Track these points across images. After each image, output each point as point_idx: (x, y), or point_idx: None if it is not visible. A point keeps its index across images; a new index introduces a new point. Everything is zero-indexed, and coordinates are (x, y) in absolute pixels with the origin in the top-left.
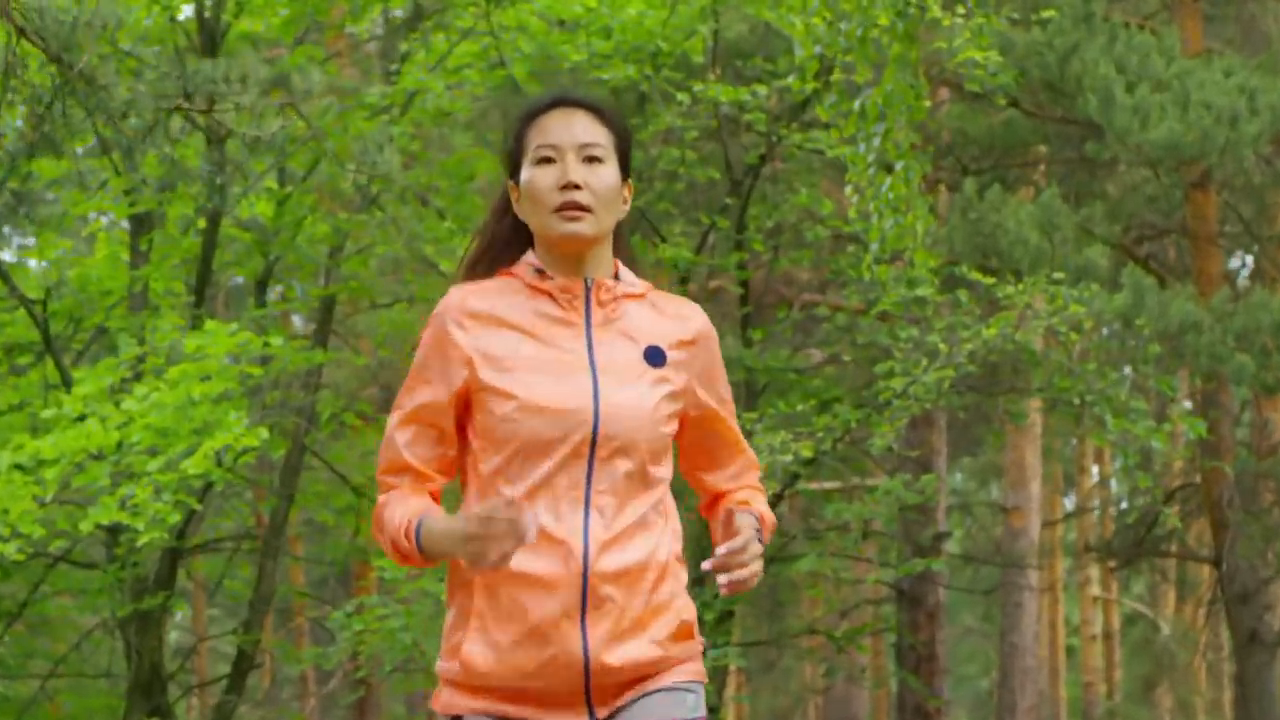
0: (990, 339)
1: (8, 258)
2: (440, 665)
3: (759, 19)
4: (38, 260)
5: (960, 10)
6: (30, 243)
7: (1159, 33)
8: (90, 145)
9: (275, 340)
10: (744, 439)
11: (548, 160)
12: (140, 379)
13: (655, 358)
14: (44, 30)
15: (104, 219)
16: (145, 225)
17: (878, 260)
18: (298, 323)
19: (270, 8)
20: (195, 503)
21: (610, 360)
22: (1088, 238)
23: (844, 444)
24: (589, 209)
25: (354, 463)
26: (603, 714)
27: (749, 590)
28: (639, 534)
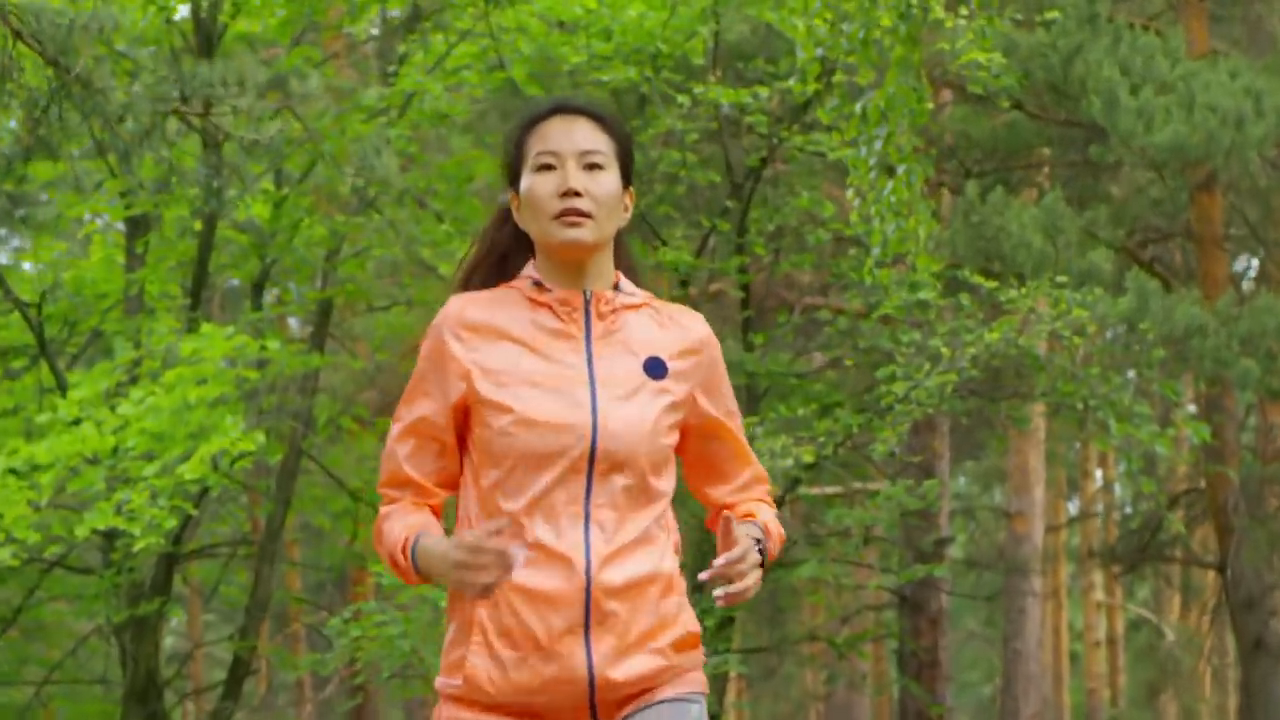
0: (993, 343)
1: (3, 260)
2: (440, 681)
3: (760, 20)
4: (33, 263)
5: (963, 11)
6: (25, 245)
7: (1164, 34)
8: (86, 147)
9: (272, 344)
10: (751, 451)
11: (548, 167)
12: (136, 383)
13: (656, 369)
14: (40, 33)
15: (99, 221)
16: (141, 227)
17: (879, 264)
18: (294, 326)
19: (267, 8)
20: (191, 508)
21: (610, 373)
22: (1091, 241)
23: (845, 449)
24: (589, 215)
25: (351, 467)
26: None
27: (746, 601)
28: (642, 548)
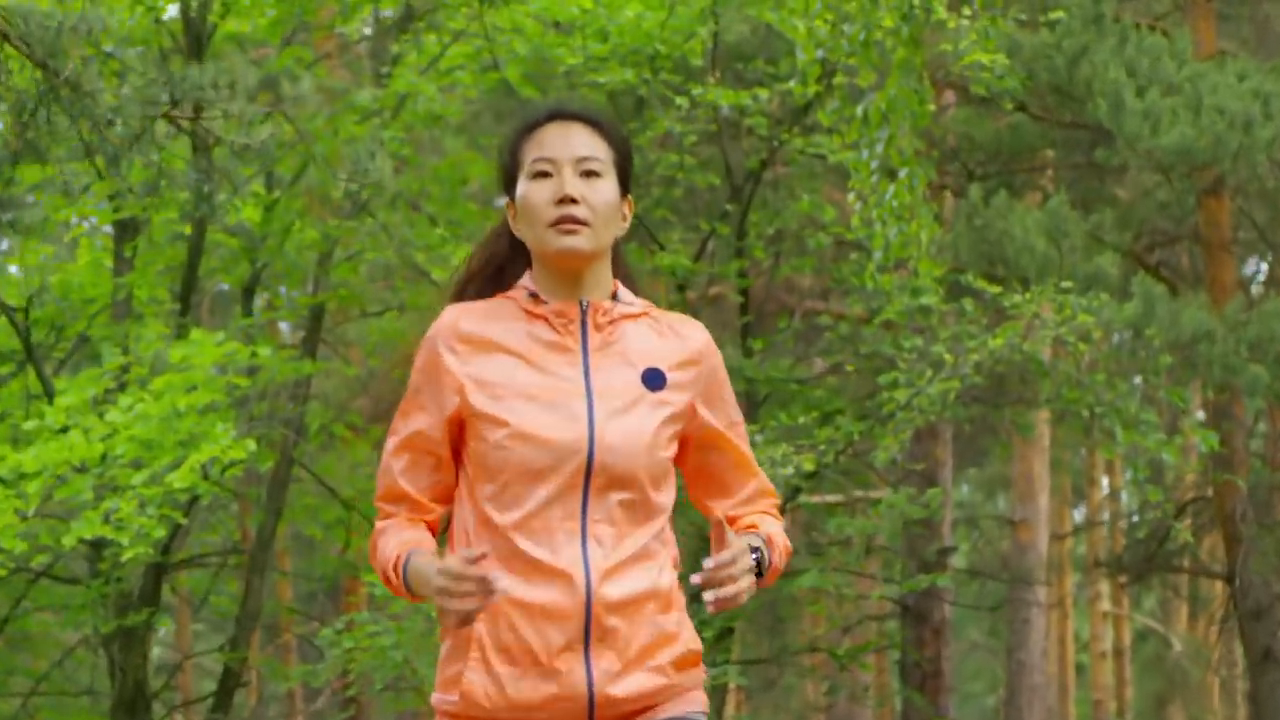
0: (997, 349)
1: None
2: (436, 697)
3: (760, 21)
4: (19, 266)
5: (966, 12)
6: (11, 249)
7: (1171, 34)
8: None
9: (263, 350)
10: (755, 463)
11: (544, 174)
12: (124, 389)
13: (654, 380)
14: (28, 35)
15: (86, 224)
16: (129, 231)
17: (881, 269)
18: (285, 330)
19: (257, 8)
20: (181, 517)
21: (607, 386)
22: (1097, 245)
23: (847, 456)
24: (586, 223)
25: (344, 475)
26: None
27: (737, 607)
28: (642, 564)
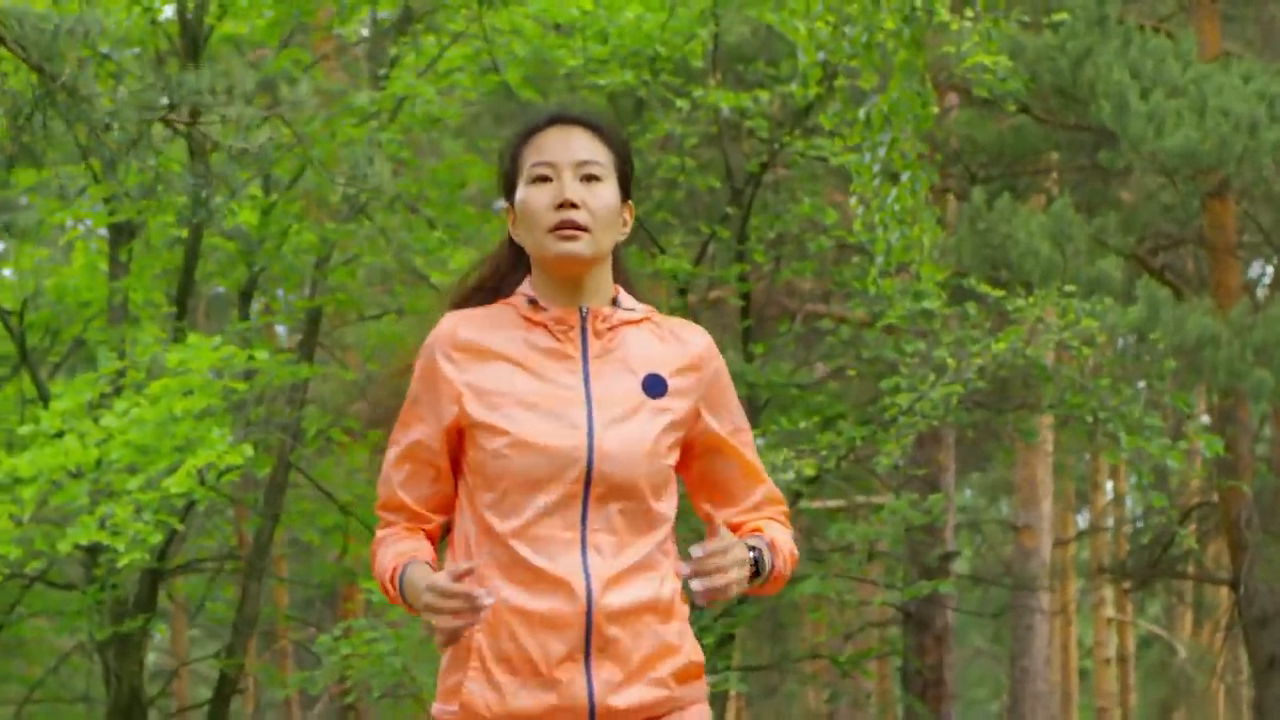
0: (1000, 354)
1: None
2: (437, 707)
3: (761, 22)
4: (13, 270)
5: (969, 14)
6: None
7: (1175, 36)
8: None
9: (260, 354)
10: (762, 469)
11: (544, 179)
12: (120, 394)
13: (655, 387)
14: (24, 38)
15: (81, 226)
16: (125, 234)
17: (883, 273)
18: (281, 333)
19: (255, 9)
20: (177, 522)
21: (607, 393)
22: (1101, 249)
23: (848, 462)
24: (586, 229)
25: (341, 480)
26: None
27: (726, 600)
28: (643, 573)
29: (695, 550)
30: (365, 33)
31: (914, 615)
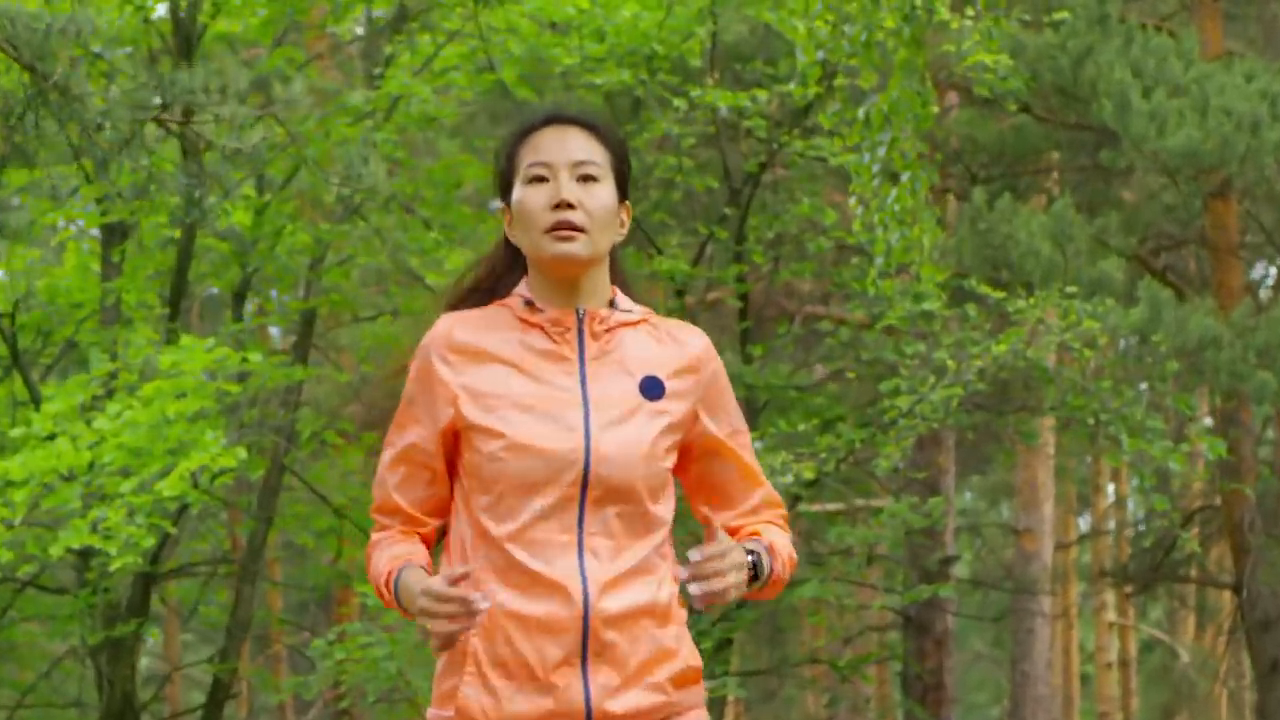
0: (1000, 355)
1: None
2: (432, 712)
3: (759, 20)
4: (4, 271)
5: (969, 12)
6: None
7: (1177, 35)
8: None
9: (254, 356)
10: (760, 472)
11: (540, 179)
12: (112, 396)
13: (652, 389)
14: (15, 38)
15: (73, 227)
16: (118, 235)
17: (883, 274)
18: (275, 335)
19: (248, 8)
20: (170, 526)
21: (604, 395)
22: (1102, 249)
23: (848, 465)
24: (583, 229)
25: (335, 483)
26: None
27: (725, 604)
28: (641, 577)
29: (693, 554)
30: (360, 30)
31: (914, 619)
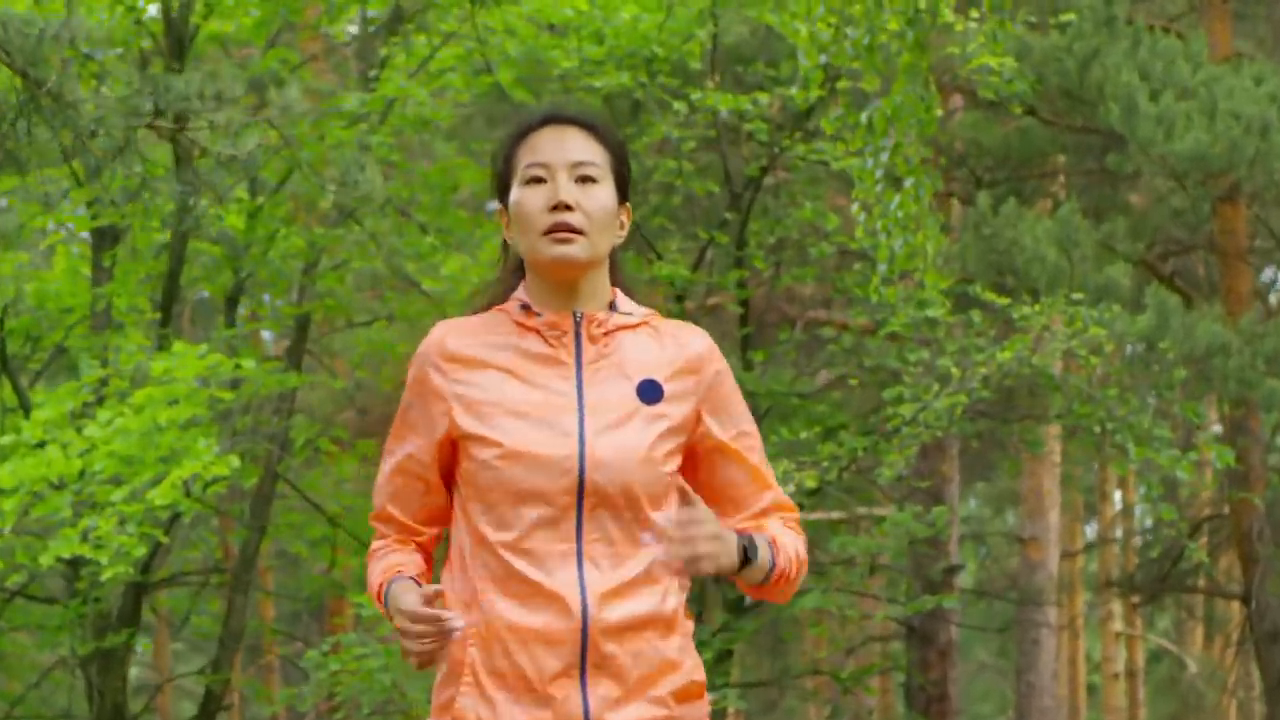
0: (1005, 363)
1: None
2: None
3: (760, 22)
4: None
5: (974, 14)
6: None
7: (1185, 36)
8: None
9: (247, 362)
10: (770, 475)
11: (538, 180)
12: (103, 403)
13: (650, 393)
14: (8, 43)
15: (63, 230)
16: (109, 239)
17: (886, 281)
18: (267, 339)
19: (241, 8)
20: (162, 535)
21: (601, 400)
22: (1109, 255)
23: (850, 473)
24: (581, 231)
25: (329, 491)
26: None
27: (699, 574)
28: (643, 587)
29: (660, 519)
30: (353, 30)
31: (917, 630)
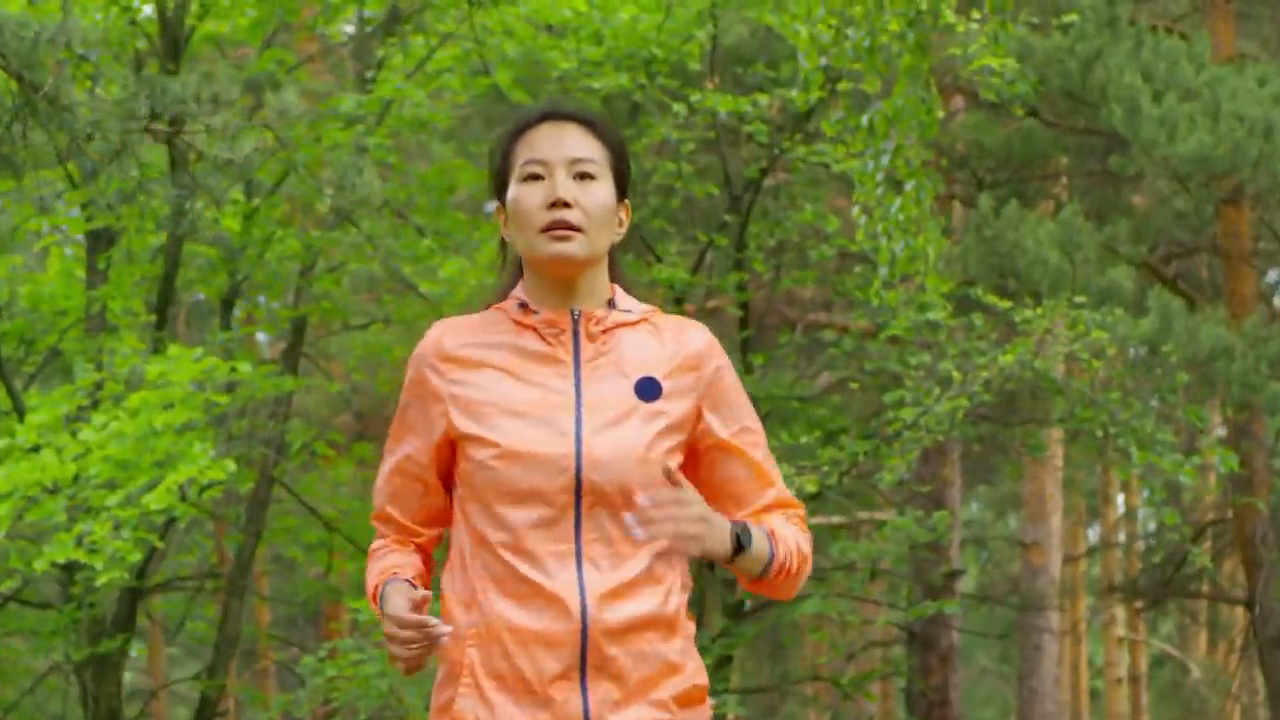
0: (1007, 366)
1: None
2: None
3: (760, 23)
4: None
5: (975, 15)
6: None
7: (1188, 37)
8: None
9: (243, 366)
10: (774, 472)
11: (536, 177)
12: (98, 407)
13: (648, 390)
14: (4, 46)
15: (58, 232)
16: (103, 241)
17: (887, 285)
18: (262, 341)
19: (236, 9)
20: (157, 540)
21: (599, 398)
22: (1111, 257)
23: (851, 478)
24: (579, 229)
25: (325, 495)
26: None
27: (681, 554)
28: (644, 587)
29: (642, 499)
30: (349, 29)
31: (918, 635)
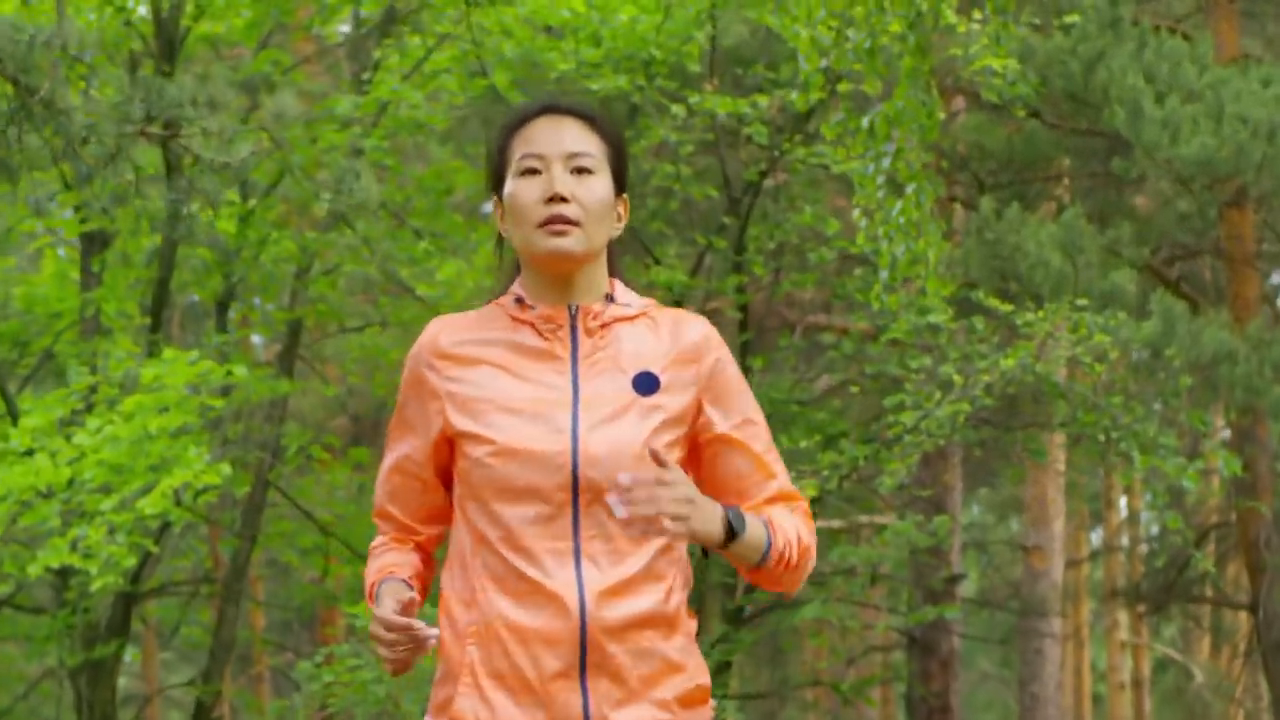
0: (1009, 370)
1: None
2: None
3: (759, 24)
4: None
5: (976, 16)
6: None
7: (1192, 37)
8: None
9: (238, 369)
10: (776, 464)
11: (533, 171)
12: (92, 410)
13: (646, 385)
14: None
15: (52, 234)
16: (97, 244)
17: (888, 288)
18: (257, 343)
19: (232, 9)
20: (152, 544)
21: (596, 394)
22: (1114, 260)
23: (851, 482)
24: (577, 223)
25: (321, 499)
26: None
27: (664, 535)
28: (645, 584)
29: (623, 478)
30: (345, 29)
31: (919, 640)
